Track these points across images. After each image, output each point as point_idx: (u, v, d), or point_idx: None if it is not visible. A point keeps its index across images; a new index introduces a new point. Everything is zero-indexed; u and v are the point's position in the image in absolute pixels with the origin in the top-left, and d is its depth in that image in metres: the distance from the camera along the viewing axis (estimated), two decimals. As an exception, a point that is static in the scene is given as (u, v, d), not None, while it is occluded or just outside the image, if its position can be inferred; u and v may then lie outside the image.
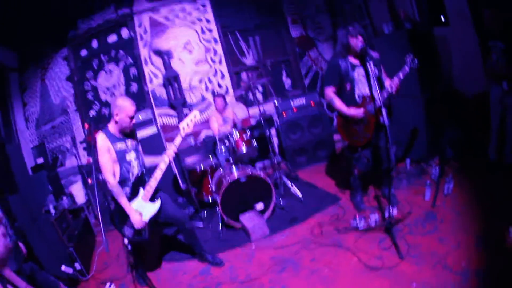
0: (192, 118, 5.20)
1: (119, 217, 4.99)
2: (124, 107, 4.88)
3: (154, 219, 5.15)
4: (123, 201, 4.81)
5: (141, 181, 5.14)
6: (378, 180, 6.59)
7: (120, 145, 4.99)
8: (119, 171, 4.95)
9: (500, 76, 5.86)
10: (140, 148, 5.40)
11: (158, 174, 5.01)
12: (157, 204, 5.12)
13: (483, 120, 6.55)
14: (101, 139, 4.83)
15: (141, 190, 5.05)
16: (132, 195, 5.01)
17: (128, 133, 5.18)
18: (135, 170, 5.10)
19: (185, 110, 10.25)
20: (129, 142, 5.14)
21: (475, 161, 6.80)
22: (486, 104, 6.37)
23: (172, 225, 6.08)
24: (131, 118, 4.96)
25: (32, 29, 9.38)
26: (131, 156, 5.08)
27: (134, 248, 4.44)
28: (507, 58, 5.74)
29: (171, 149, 5.07)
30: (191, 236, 5.63)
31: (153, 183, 5.01)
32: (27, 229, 5.43)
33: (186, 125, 5.16)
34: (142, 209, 4.98)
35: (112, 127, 5.02)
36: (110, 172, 4.80)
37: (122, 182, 4.98)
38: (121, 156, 4.96)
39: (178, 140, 5.09)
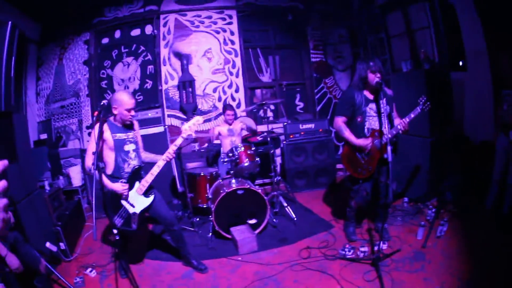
0: (195, 122, 5.26)
1: (111, 205, 5.05)
2: (121, 100, 5.02)
3: (144, 214, 5.23)
4: (103, 178, 4.83)
5: (138, 175, 5.22)
6: (373, 214, 6.59)
7: (120, 135, 5.13)
8: (114, 160, 5.07)
9: (509, 125, 5.90)
10: (140, 142, 5.51)
11: (155, 171, 5.09)
12: (150, 199, 5.19)
13: (486, 168, 6.58)
14: (99, 126, 4.86)
15: (137, 183, 5.14)
16: (128, 187, 5.06)
17: (130, 125, 5.30)
18: (133, 161, 5.20)
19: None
20: (131, 134, 5.28)
21: (472, 208, 6.83)
22: (491, 152, 6.41)
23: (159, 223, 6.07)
24: (129, 110, 5.07)
25: (59, 6, 9.48)
26: (129, 147, 5.21)
27: (121, 238, 4.45)
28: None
29: (171, 149, 5.12)
30: (178, 239, 5.66)
31: (149, 178, 5.11)
32: (19, 200, 5.46)
33: (188, 127, 5.22)
34: (134, 201, 5.07)
35: (113, 119, 5.16)
36: (90, 156, 4.86)
37: (116, 171, 5.09)
38: (119, 145, 5.10)
39: (179, 140, 5.15)
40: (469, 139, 7.98)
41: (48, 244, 5.72)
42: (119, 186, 4.95)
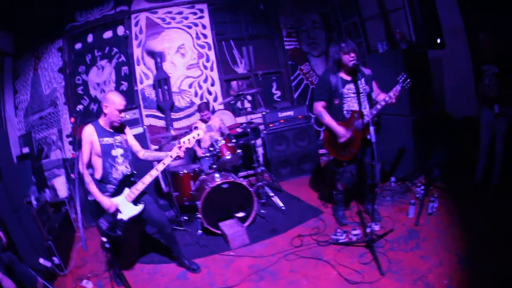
0: (195, 135, 5.21)
1: (96, 209, 4.99)
2: (113, 100, 4.97)
3: (133, 220, 5.16)
4: (93, 189, 4.82)
5: (128, 181, 5.13)
6: (361, 196, 6.63)
7: (107, 139, 5.04)
8: (102, 165, 4.99)
9: (492, 99, 5.93)
10: (133, 142, 5.45)
11: (147, 179, 5.04)
12: (138, 208, 5.13)
13: (471, 142, 6.61)
14: (86, 130, 4.90)
15: (126, 189, 5.06)
16: (117, 193, 5.02)
17: (118, 128, 5.21)
18: (121, 167, 5.12)
19: (173, 114, 10.27)
20: (118, 137, 5.18)
21: (461, 183, 6.87)
22: (474, 127, 6.43)
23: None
24: (120, 111, 5.02)
25: (31, 16, 9.34)
26: (117, 152, 5.11)
27: (111, 245, 4.40)
28: (500, 81, 5.81)
29: (166, 160, 5.08)
30: (170, 241, 5.64)
31: (140, 186, 5.04)
32: (7, 218, 5.40)
33: (188, 141, 5.16)
34: (122, 208, 5.01)
35: (102, 120, 5.07)
36: (83, 162, 4.81)
37: (104, 177, 5.01)
38: (106, 150, 5.01)
39: (174, 152, 5.11)
40: (452, 115, 7.99)
41: (41, 261, 5.65)
42: (106, 201, 4.87)
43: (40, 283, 4.66)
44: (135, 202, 5.11)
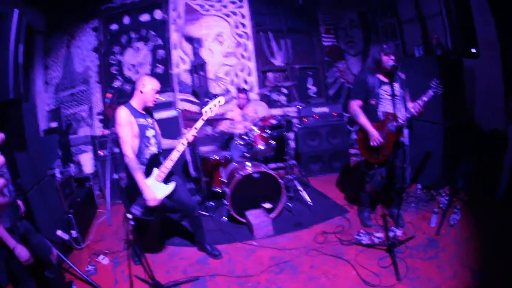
0: (216, 103, 5.16)
1: (131, 194, 4.97)
2: (150, 81, 5.05)
3: (163, 202, 5.10)
4: (139, 176, 4.76)
5: (156, 161, 5.07)
6: (387, 200, 6.54)
7: (142, 120, 5.03)
8: (138, 146, 4.97)
9: None
10: (157, 129, 5.42)
11: (174, 156, 4.97)
12: (170, 186, 5.07)
13: (497, 156, 6.53)
14: (123, 112, 4.85)
15: (155, 170, 4.99)
16: (146, 174, 4.95)
17: (149, 110, 5.25)
18: (153, 147, 5.13)
19: (207, 100, 10.07)
20: (150, 120, 5.21)
21: (484, 197, 6.75)
22: (501, 141, 6.36)
23: (178, 211, 6.00)
24: (156, 92, 5.07)
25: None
26: (150, 133, 5.11)
27: (136, 225, 4.40)
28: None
29: (191, 132, 5.03)
30: (196, 225, 5.62)
31: (168, 164, 4.97)
32: (29, 188, 5.43)
33: (209, 109, 5.13)
34: (154, 188, 4.91)
35: (135, 102, 5.07)
36: (130, 145, 4.81)
37: (138, 158, 4.95)
38: (142, 131, 4.99)
39: (199, 123, 5.06)
40: (480, 127, 7.90)
41: (59, 232, 5.69)
42: (149, 193, 4.80)
43: (55, 255, 4.65)
44: (166, 181, 5.06)
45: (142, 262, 4.86)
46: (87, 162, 8.87)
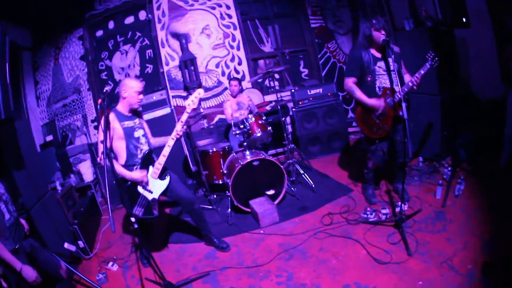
0: (197, 95, 5.18)
1: (128, 195, 5.02)
2: (130, 84, 5.05)
3: (163, 197, 5.29)
4: (118, 167, 4.86)
5: (150, 159, 5.20)
6: (390, 175, 6.55)
7: (128, 123, 5.10)
8: (126, 147, 5.03)
9: None
10: (147, 128, 5.47)
11: (166, 151, 5.04)
12: (166, 181, 5.19)
13: (496, 125, 6.49)
14: (109, 118, 4.86)
15: (150, 167, 5.12)
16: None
17: (136, 112, 5.30)
18: (144, 147, 5.20)
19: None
20: (137, 120, 5.27)
21: (487, 166, 6.72)
22: (500, 109, 6.31)
23: (178, 204, 5.98)
24: (139, 93, 5.09)
25: (47, 9, 9.42)
26: (139, 133, 5.19)
27: (140, 227, 4.40)
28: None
29: (178, 126, 5.04)
30: (199, 218, 5.64)
31: (161, 160, 5.05)
32: (32, 205, 5.43)
33: (191, 102, 5.15)
34: (151, 186, 5.09)
35: (120, 106, 5.13)
36: (99, 145, 4.89)
37: (128, 160, 5.05)
38: (129, 133, 5.07)
39: (184, 116, 5.07)
40: (477, 96, 7.88)
41: (66, 245, 5.69)
42: (137, 174, 4.95)
43: (64, 269, 4.65)
44: (161, 176, 5.17)
45: (151, 264, 4.86)
46: (86, 170, 8.84)
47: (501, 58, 6.94)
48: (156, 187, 5.12)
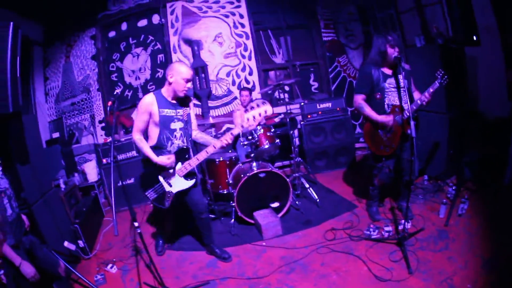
0: (262, 112, 4.91)
1: (147, 179, 5.10)
2: (179, 69, 4.92)
3: (179, 196, 5.30)
4: (146, 150, 4.91)
5: (182, 155, 5.14)
6: (395, 192, 6.54)
7: (168, 111, 5.02)
8: (157, 136, 5.01)
9: None
10: (193, 120, 5.45)
11: (201, 156, 5.03)
12: (189, 183, 5.18)
13: (502, 143, 6.49)
14: (146, 99, 4.91)
15: (179, 164, 5.10)
16: (168, 167, 5.09)
17: (183, 101, 5.22)
18: (178, 141, 5.16)
19: (210, 102, 10.32)
20: (181, 111, 5.16)
21: (491, 184, 6.70)
22: (506, 128, 6.31)
23: (189, 209, 5.97)
24: (187, 81, 4.95)
25: (61, 5, 9.52)
26: (176, 125, 5.11)
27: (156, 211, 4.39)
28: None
29: (227, 137, 4.98)
30: (205, 227, 5.69)
31: (193, 162, 5.06)
32: (34, 201, 5.43)
33: (252, 117, 4.87)
34: (173, 180, 5.12)
35: (165, 90, 5.08)
36: (137, 129, 5.04)
37: (158, 148, 5.04)
38: (165, 121, 5.00)
39: (236, 131, 5.02)
40: (484, 115, 7.86)
41: (66, 243, 5.69)
42: (164, 160, 4.94)
43: (62, 267, 4.64)
44: (186, 177, 5.16)
45: (151, 269, 4.85)
46: (91, 170, 8.85)
47: (509, 77, 6.93)
48: (177, 183, 5.13)
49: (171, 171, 5.09)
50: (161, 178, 5.10)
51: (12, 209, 4.04)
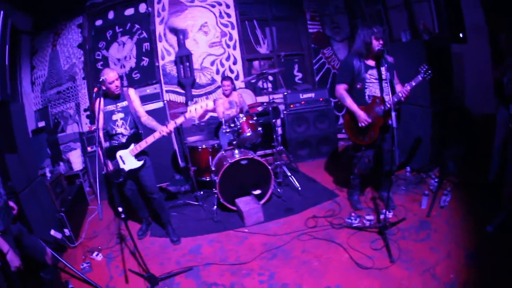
0: (204, 105, 5.30)
1: (107, 153, 5.62)
2: (105, 75, 5.47)
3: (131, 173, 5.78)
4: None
5: (136, 138, 5.72)
6: (376, 182, 6.60)
7: (109, 107, 5.70)
8: (106, 127, 5.76)
9: (509, 98, 5.82)
10: (138, 108, 5.89)
11: (149, 139, 5.49)
12: (138, 163, 5.70)
13: (487, 140, 6.54)
14: (97, 103, 5.03)
15: (132, 145, 5.61)
16: (123, 146, 5.64)
17: (120, 96, 5.79)
18: (120, 129, 5.72)
19: (194, 90, 10.35)
20: (120, 104, 5.77)
21: (475, 179, 6.74)
22: (491, 125, 6.37)
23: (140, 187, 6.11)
24: (111, 82, 5.51)
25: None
26: (117, 116, 5.72)
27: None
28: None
29: (171, 125, 5.33)
30: (159, 207, 6.08)
31: (143, 144, 5.55)
32: (21, 189, 5.46)
33: (194, 109, 5.27)
34: (125, 159, 5.64)
35: (106, 93, 5.67)
36: (99, 126, 5.59)
37: (107, 136, 5.82)
38: (108, 116, 5.69)
39: (180, 120, 5.33)
40: (470, 111, 7.93)
41: (52, 232, 5.74)
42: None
43: (49, 255, 4.67)
44: (137, 157, 5.67)
45: (136, 256, 4.90)
46: (76, 159, 8.83)
47: (495, 74, 6.99)
48: (128, 162, 5.64)
49: (125, 150, 5.60)
50: (117, 155, 5.60)
51: (0, 196, 4.07)
